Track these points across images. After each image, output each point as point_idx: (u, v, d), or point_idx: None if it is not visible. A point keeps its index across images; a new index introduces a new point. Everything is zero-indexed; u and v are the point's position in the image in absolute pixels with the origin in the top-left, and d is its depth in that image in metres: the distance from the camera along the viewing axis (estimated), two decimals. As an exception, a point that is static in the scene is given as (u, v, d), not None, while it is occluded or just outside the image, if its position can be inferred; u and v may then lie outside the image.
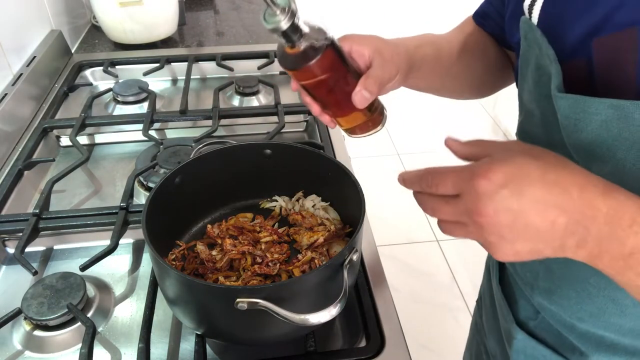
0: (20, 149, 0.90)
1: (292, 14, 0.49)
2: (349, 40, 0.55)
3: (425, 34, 0.67)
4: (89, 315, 0.64)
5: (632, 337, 0.52)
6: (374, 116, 0.59)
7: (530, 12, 0.50)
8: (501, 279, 0.69)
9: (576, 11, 0.45)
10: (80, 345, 0.58)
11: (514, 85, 0.61)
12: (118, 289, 0.69)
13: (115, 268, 0.72)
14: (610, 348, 0.53)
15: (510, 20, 0.56)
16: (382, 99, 0.60)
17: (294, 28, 0.50)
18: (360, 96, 0.53)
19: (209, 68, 1.21)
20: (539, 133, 0.53)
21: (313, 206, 0.72)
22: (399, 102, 2.97)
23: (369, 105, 0.56)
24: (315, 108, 0.58)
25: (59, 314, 0.61)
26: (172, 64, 1.20)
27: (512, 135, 2.84)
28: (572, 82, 0.45)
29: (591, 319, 0.53)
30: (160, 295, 0.63)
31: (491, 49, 0.69)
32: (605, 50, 0.44)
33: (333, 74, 0.53)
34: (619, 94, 0.42)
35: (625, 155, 0.43)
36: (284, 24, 0.49)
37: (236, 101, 1.10)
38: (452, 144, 0.46)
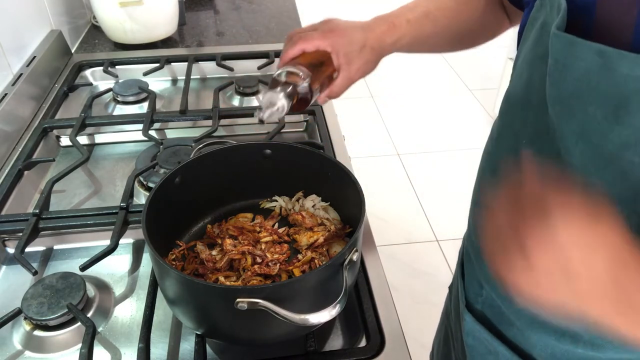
0: (20, 149, 0.90)
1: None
2: (321, 42, 0.62)
3: (411, 10, 0.67)
4: (89, 315, 0.64)
5: (561, 318, 0.52)
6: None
7: None
8: (463, 259, 0.72)
9: None
10: (80, 345, 0.58)
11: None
12: (118, 289, 0.69)
13: (115, 268, 0.72)
14: (542, 326, 0.55)
15: None
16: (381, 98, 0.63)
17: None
18: (323, 100, 0.64)
19: (209, 68, 1.21)
20: (518, 94, 0.54)
21: (313, 206, 0.73)
22: (399, 102, 2.97)
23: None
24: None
25: (59, 314, 0.61)
26: (172, 64, 1.20)
27: (512, 135, 2.81)
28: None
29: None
30: (160, 295, 0.63)
31: (486, 15, 0.69)
32: (606, 3, 0.43)
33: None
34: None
35: (595, 112, 0.43)
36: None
37: (236, 101, 1.10)
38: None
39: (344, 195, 0.66)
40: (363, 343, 0.61)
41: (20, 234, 0.72)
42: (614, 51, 0.40)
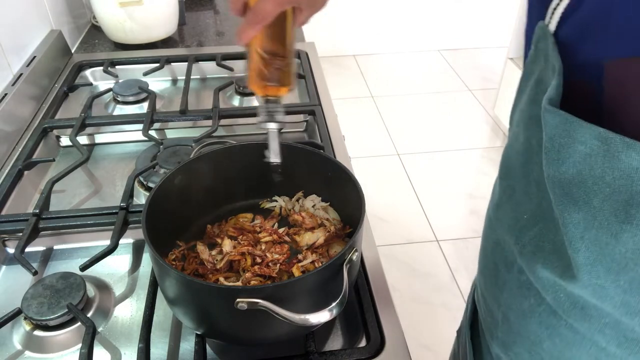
0: (20, 149, 0.90)
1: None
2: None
3: None
4: (89, 315, 0.64)
5: None
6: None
7: (551, 17, 0.42)
8: (472, 324, 0.69)
9: (594, 25, 0.37)
10: (80, 345, 0.58)
11: (514, 85, 0.60)
12: (118, 289, 0.69)
13: (115, 268, 0.72)
14: None
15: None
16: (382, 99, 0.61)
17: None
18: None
19: (209, 68, 1.21)
20: (516, 163, 0.48)
21: (313, 206, 0.73)
22: (399, 102, 2.97)
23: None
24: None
25: (59, 314, 0.61)
26: (172, 64, 1.20)
27: (512, 135, 2.83)
28: (575, 106, 0.39)
29: None
30: (160, 295, 0.63)
31: None
32: (616, 77, 0.37)
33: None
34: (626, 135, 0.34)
35: (602, 205, 0.37)
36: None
37: (236, 101, 1.10)
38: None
39: (344, 195, 0.66)
40: (363, 343, 0.61)
41: (20, 234, 0.72)
42: (619, 139, 0.34)
